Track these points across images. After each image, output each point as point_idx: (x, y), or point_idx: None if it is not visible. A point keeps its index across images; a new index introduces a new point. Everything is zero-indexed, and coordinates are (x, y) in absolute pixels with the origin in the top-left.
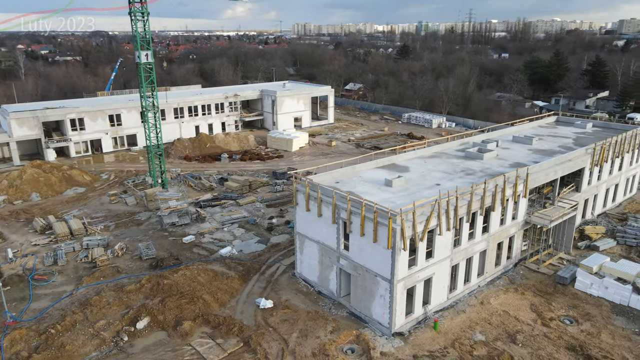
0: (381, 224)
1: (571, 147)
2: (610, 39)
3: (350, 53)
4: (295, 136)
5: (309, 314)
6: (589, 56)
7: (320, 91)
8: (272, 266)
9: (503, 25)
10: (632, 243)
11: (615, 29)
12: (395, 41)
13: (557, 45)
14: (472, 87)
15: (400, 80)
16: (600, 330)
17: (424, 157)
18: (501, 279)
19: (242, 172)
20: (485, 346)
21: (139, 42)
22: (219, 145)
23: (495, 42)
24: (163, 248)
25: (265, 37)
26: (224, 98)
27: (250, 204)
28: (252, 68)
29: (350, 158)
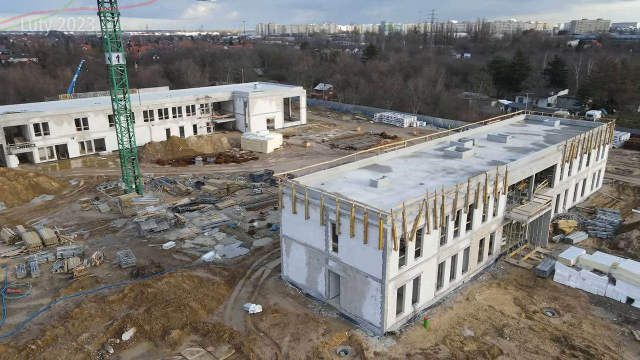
0: (372, 224)
1: (543, 144)
2: (565, 39)
3: (318, 53)
4: (269, 138)
5: (299, 317)
6: (548, 56)
7: (292, 92)
8: (257, 270)
9: (463, 25)
10: (602, 235)
11: (568, 29)
12: (360, 41)
13: (516, 46)
14: (440, 86)
15: (370, 81)
16: (581, 320)
17: (405, 157)
18: (484, 274)
19: (218, 175)
20: (474, 341)
21: (110, 43)
22: (192, 148)
23: (457, 42)
24: (143, 255)
25: (229, 38)
26: (195, 100)
27: (230, 207)
28: (220, 69)
29: (334, 159)
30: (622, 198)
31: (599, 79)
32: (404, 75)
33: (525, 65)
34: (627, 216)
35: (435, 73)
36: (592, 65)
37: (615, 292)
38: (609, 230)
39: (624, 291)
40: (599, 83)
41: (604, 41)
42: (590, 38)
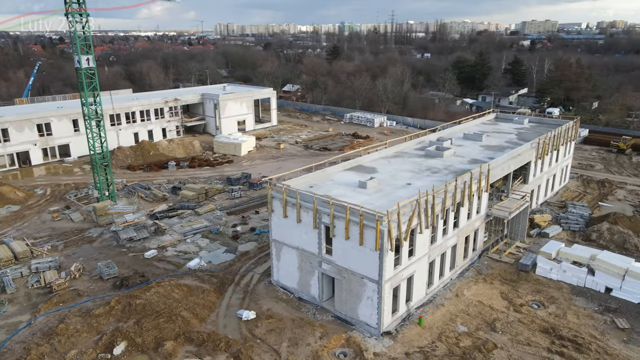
0: (367, 226)
1: (517, 142)
2: (517, 39)
3: (282, 54)
4: (243, 140)
5: (294, 322)
6: (507, 56)
7: (262, 93)
8: (245, 275)
9: (420, 26)
10: (575, 228)
11: (519, 29)
12: (322, 41)
13: (472, 45)
14: (408, 86)
15: (339, 81)
16: (565, 311)
17: (387, 158)
18: (469, 270)
19: (193, 179)
20: (469, 337)
21: (79, 45)
22: (163, 152)
23: (416, 43)
24: (124, 265)
25: (187, 38)
26: (164, 103)
27: (210, 212)
28: (184, 70)
29: (311, 160)
30: (588, 192)
31: (556, 77)
32: (370, 76)
33: (486, 65)
34: (595, 209)
35: (402, 73)
36: (549, 64)
37: (595, 283)
38: (581, 223)
39: (603, 281)
40: (556, 82)
41: (554, 41)
42: (541, 38)
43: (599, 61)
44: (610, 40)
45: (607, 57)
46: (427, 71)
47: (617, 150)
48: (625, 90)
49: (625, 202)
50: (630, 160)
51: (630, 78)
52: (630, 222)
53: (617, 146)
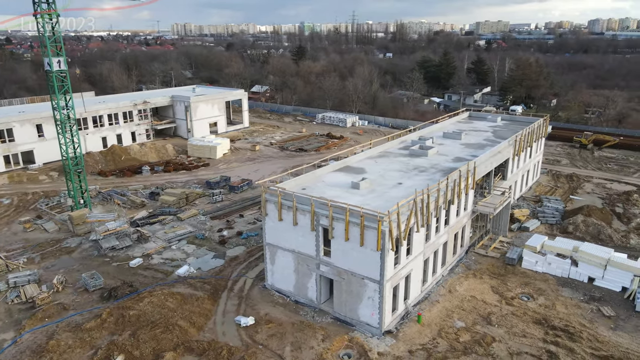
0: (368, 227)
1: (494, 139)
2: (473, 39)
3: (246, 55)
4: (218, 143)
5: (294, 325)
6: (469, 55)
7: (234, 95)
8: (238, 281)
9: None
10: (552, 221)
11: (473, 30)
12: (283, 41)
13: (432, 45)
14: (376, 86)
15: (308, 82)
16: (554, 302)
17: (373, 158)
18: (458, 266)
19: (170, 184)
20: (467, 332)
21: (49, 46)
22: (135, 157)
23: (377, 43)
24: (109, 276)
25: (144, 38)
26: (133, 106)
27: (193, 217)
28: (147, 72)
29: (288, 162)
30: (559, 186)
31: (518, 76)
32: (338, 76)
33: (451, 64)
34: (567, 202)
35: (369, 73)
36: (510, 63)
37: (578, 273)
38: (557, 217)
39: (586, 272)
40: (518, 80)
41: (508, 41)
42: (496, 38)
43: (552, 60)
44: (560, 40)
45: (558, 56)
46: (392, 71)
47: (580, 146)
48: (580, 88)
49: (594, 194)
50: (593, 155)
51: (582, 76)
52: (602, 214)
53: (580, 142)
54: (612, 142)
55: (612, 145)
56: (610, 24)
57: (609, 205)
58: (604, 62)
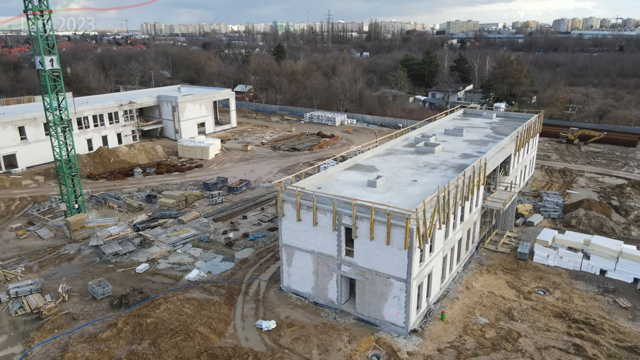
0: (395, 225)
1: (494, 135)
2: (446, 38)
3: (225, 54)
4: (210, 143)
5: (317, 328)
6: (449, 54)
7: (221, 94)
8: (252, 284)
9: (351, 25)
10: (554, 215)
11: (445, 29)
12: (257, 41)
13: (407, 44)
14: (362, 84)
15: (294, 80)
16: (571, 295)
17: (380, 155)
18: (471, 262)
19: (165, 186)
20: (492, 328)
21: (42, 45)
22: (125, 159)
23: (353, 42)
24: (116, 283)
25: (112, 37)
26: (118, 106)
27: (194, 220)
28: (124, 72)
29: (282, 161)
30: (554, 180)
31: (500, 74)
32: (322, 74)
33: (434, 62)
34: (565, 196)
35: (354, 71)
36: (490, 62)
37: (590, 266)
38: (559, 211)
39: (597, 264)
40: (500, 78)
41: (480, 40)
42: (469, 37)
43: (525, 58)
44: (530, 39)
45: (530, 55)
46: (373, 69)
47: (567, 141)
48: (558, 85)
49: (588, 188)
50: (580, 150)
51: (556, 74)
52: (601, 207)
53: (566, 137)
54: (597, 137)
55: (597, 140)
56: (575, 24)
57: (605, 198)
58: (576, 60)
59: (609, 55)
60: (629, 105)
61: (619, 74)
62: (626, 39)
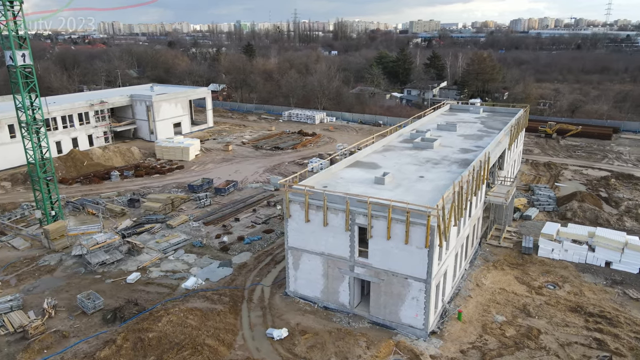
0: (414, 223)
1: (486, 130)
2: (411, 37)
3: (192, 54)
4: (189, 144)
5: (331, 334)
6: (421, 52)
7: (197, 93)
8: (254, 290)
9: (315, 25)
10: (549, 209)
11: (408, 29)
12: (222, 40)
13: (374, 43)
14: (339, 82)
15: (269, 79)
16: (581, 289)
17: (379, 152)
18: (476, 259)
19: (146, 189)
20: (510, 326)
21: (12, 39)
22: (99, 162)
23: (321, 41)
24: (106, 295)
25: (68, 37)
26: (89, 106)
27: (184, 224)
28: (88, 71)
29: (267, 161)
30: (541, 174)
31: (474, 71)
32: (297, 73)
33: (408, 60)
34: (554, 189)
35: (329, 69)
36: (463, 59)
37: (595, 258)
38: (552, 204)
39: (603, 256)
40: (474, 75)
41: (445, 39)
42: (434, 36)
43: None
44: (492, 38)
45: (494, 53)
46: (345, 67)
47: (545, 135)
48: (527, 82)
49: (575, 181)
50: (559, 144)
51: (522, 70)
52: (593, 199)
53: (545, 131)
54: (574, 130)
55: (574, 134)
56: (531, 24)
57: (593, 190)
58: (539, 58)
59: (569, 53)
60: (596, 100)
61: (581, 70)
62: (582, 37)
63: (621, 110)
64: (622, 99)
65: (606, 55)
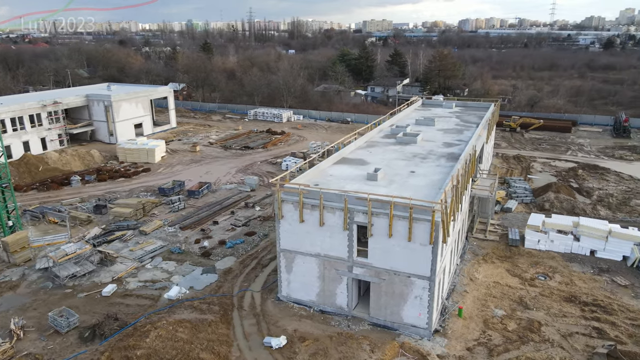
0: (418, 219)
1: (463, 124)
2: (366, 36)
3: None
4: (155, 145)
5: (333, 339)
6: (381, 50)
7: (159, 92)
8: (244, 296)
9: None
10: (527, 200)
11: (361, 28)
12: (174, 39)
13: (331, 42)
14: (303, 80)
15: (232, 77)
16: (571, 278)
17: (362, 148)
18: (465, 253)
19: (112, 194)
20: (510, 319)
21: None
22: (56, 166)
23: (277, 40)
24: (80, 311)
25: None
26: (41, 107)
27: (158, 229)
28: (33, 71)
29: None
30: (512, 167)
31: (435, 68)
32: (259, 71)
33: (370, 57)
34: (528, 182)
35: (292, 68)
36: (423, 57)
37: (581, 247)
38: (530, 195)
39: (588, 245)
40: (435, 71)
41: (399, 38)
42: (389, 35)
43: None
44: (444, 37)
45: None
46: (305, 66)
47: (510, 129)
48: (485, 78)
49: (545, 172)
50: (524, 137)
51: (479, 67)
52: (567, 190)
53: (509, 125)
54: (537, 124)
55: (536, 128)
56: (479, 24)
57: (563, 181)
58: (492, 56)
59: (518, 51)
60: (550, 95)
61: (532, 67)
62: (527, 37)
63: (576, 104)
64: (574, 93)
65: (553, 53)
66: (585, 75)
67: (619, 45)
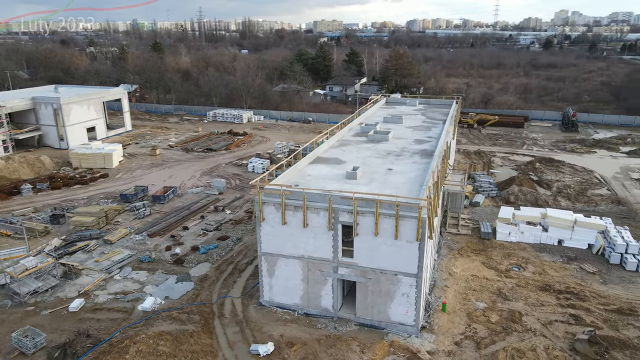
0: (404, 217)
1: (430, 121)
2: (318, 36)
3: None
4: (112, 149)
5: (321, 342)
6: (337, 50)
7: (111, 94)
8: (223, 303)
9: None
10: (493, 194)
11: (312, 28)
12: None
13: (283, 41)
14: (261, 80)
15: (188, 78)
16: (543, 268)
17: (336, 147)
18: (441, 248)
19: (69, 202)
20: (492, 311)
21: None
22: (3, 174)
23: (229, 40)
24: (47, 329)
25: None
26: None
27: (124, 238)
28: None
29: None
30: (475, 162)
31: (392, 66)
32: (216, 71)
33: (328, 57)
34: (491, 176)
35: (248, 68)
36: (379, 56)
37: (549, 238)
38: (495, 189)
39: (555, 235)
40: (392, 70)
41: (351, 38)
42: (341, 35)
43: None
44: (394, 37)
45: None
46: (262, 66)
47: (468, 126)
48: (439, 77)
49: (506, 166)
50: (481, 133)
51: (431, 66)
52: (529, 183)
53: (467, 122)
54: (493, 120)
55: (492, 124)
56: (426, 24)
57: (524, 174)
58: (442, 55)
59: (466, 51)
60: (501, 92)
61: (480, 66)
62: (473, 37)
63: (525, 100)
64: (523, 90)
65: (499, 52)
66: (530, 73)
67: (557, 45)
